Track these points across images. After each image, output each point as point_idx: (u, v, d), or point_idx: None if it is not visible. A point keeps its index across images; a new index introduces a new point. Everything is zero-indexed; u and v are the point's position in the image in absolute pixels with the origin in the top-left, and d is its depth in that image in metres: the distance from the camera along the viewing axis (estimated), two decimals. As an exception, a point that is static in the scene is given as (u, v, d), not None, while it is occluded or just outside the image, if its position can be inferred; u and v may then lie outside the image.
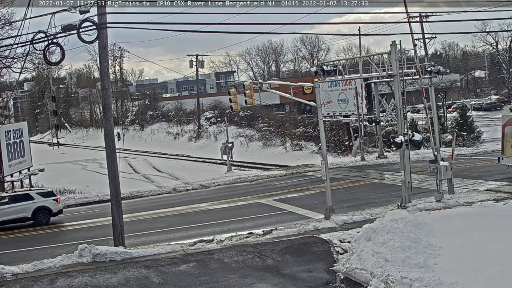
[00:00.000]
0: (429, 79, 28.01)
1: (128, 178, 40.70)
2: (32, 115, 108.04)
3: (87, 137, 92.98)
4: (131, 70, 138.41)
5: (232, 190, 33.27)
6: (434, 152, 24.24)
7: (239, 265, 16.77)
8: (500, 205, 19.89)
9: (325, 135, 24.08)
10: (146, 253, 18.80)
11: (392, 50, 23.16)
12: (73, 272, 16.98)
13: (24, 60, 27.00)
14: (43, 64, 47.38)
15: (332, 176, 30.46)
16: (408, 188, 23.06)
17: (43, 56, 19.38)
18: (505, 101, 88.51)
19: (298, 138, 51.07)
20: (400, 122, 23.41)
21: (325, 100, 45.43)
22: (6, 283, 16.42)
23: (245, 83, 24.13)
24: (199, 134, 65.53)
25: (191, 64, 67.94)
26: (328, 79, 27.37)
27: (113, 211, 19.74)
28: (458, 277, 12.95)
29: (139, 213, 27.88)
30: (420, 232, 15.85)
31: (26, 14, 19.68)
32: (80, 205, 32.06)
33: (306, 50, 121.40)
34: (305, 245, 18.31)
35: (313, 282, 14.85)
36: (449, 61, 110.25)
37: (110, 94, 20.49)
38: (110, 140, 19.90)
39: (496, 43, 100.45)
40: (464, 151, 41.25)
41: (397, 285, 13.22)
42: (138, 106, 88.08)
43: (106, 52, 19.68)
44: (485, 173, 30.74)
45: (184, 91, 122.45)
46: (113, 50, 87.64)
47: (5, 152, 33.27)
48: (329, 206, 22.19)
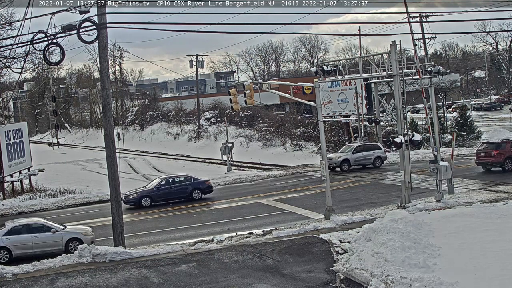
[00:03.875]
0: (429, 79, 27.95)
1: (128, 178, 40.67)
2: (32, 115, 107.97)
3: (87, 137, 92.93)
4: (131, 70, 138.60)
5: (232, 190, 33.26)
6: (434, 152, 24.24)
7: (239, 265, 16.77)
8: (500, 205, 19.90)
9: (325, 135, 24.09)
10: (146, 253, 18.81)
11: (392, 50, 23.16)
12: (73, 272, 16.99)
13: (24, 60, 27.01)
14: (43, 64, 47.30)
15: (332, 176, 30.47)
16: (408, 188, 23.06)
17: (43, 56, 19.36)
18: (505, 101, 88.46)
19: (298, 138, 51.07)
20: (400, 122, 23.41)
21: (325, 100, 45.44)
22: (6, 283, 16.43)
23: (245, 83, 24.13)
24: (199, 134, 65.52)
25: (191, 64, 67.89)
26: (328, 79, 27.34)
27: (113, 211, 19.75)
28: (458, 277, 12.96)
29: (139, 213, 27.86)
30: (420, 232, 15.87)
31: (26, 14, 19.72)
32: (80, 205, 32.04)
33: (306, 50, 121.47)
34: (305, 245, 18.31)
35: (313, 282, 14.86)
36: (449, 61, 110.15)
37: (110, 94, 20.51)
38: (110, 140, 19.91)
39: (496, 43, 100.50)
40: (464, 151, 41.24)
41: (397, 285, 13.23)
42: (138, 106, 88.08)
43: (106, 52, 19.69)
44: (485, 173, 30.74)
45: (184, 91, 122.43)
46: (113, 50, 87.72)
47: (5, 152, 33.27)
48: (329, 206, 22.20)
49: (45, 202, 32.51)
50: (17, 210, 30.95)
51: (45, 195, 34.38)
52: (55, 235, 20.47)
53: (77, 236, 20.79)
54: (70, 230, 21.13)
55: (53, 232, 20.49)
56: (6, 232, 20.09)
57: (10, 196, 34.38)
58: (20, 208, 31.21)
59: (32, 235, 20.35)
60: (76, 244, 20.33)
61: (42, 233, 20.46)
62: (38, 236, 20.35)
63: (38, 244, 20.27)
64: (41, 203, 32.24)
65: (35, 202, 32.41)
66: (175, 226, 23.93)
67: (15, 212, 30.61)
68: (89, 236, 20.98)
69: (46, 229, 20.59)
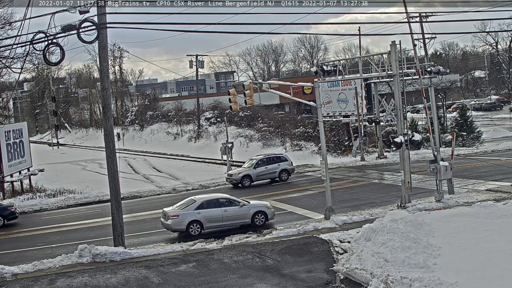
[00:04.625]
0: (429, 79, 27.98)
1: (128, 178, 40.68)
2: (32, 115, 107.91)
3: (87, 137, 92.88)
4: (131, 70, 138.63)
5: (232, 191, 33.25)
6: (434, 152, 24.24)
7: (239, 265, 16.77)
8: (500, 205, 19.89)
9: (325, 135, 24.10)
10: (146, 253, 18.81)
11: (392, 50, 23.17)
12: (72, 272, 16.98)
13: (24, 60, 27.00)
14: (43, 64, 47.42)
15: (332, 176, 30.47)
16: (408, 188, 23.06)
17: (43, 56, 19.39)
18: (505, 101, 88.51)
19: (298, 138, 51.06)
20: (400, 122, 23.41)
21: (325, 100, 45.43)
22: (6, 283, 16.42)
23: (245, 83, 24.15)
24: (199, 134, 65.49)
25: (191, 64, 67.86)
26: (328, 79, 27.37)
27: (113, 211, 19.75)
28: (458, 277, 12.95)
29: (139, 213, 27.88)
30: (420, 232, 15.87)
31: (26, 14, 19.70)
32: (80, 205, 32.06)
33: (306, 50, 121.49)
34: (305, 245, 18.31)
35: (313, 282, 14.86)
36: (449, 61, 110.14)
37: (110, 94, 20.51)
38: (110, 140, 19.91)
39: (496, 43, 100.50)
40: (464, 151, 41.26)
41: (396, 285, 13.23)
42: (138, 106, 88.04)
43: (106, 52, 19.69)
44: (485, 173, 30.75)
45: (184, 91, 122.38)
46: (113, 50, 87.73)
47: (5, 152, 33.28)
48: (329, 206, 22.21)
49: (45, 202, 32.53)
50: (17, 210, 30.93)
51: (45, 195, 34.40)
52: (242, 208, 22.03)
53: (262, 210, 22.39)
54: (256, 204, 22.71)
55: (241, 206, 22.05)
56: (197, 206, 21.56)
57: (10, 196, 34.39)
58: (20, 208, 31.13)
59: (222, 209, 21.85)
60: (261, 217, 22.20)
61: (231, 207, 22.00)
62: (227, 210, 21.84)
63: (227, 218, 21.78)
64: (41, 203, 32.26)
65: (35, 202, 32.42)
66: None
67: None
68: (271, 210, 22.63)
69: (235, 203, 22.17)
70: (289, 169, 34.82)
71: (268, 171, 34.28)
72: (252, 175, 33.87)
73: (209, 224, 21.49)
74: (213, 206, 21.80)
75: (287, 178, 34.46)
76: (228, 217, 21.72)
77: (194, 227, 21.27)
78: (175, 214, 21.52)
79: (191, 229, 21.27)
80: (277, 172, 34.35)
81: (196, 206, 21.56)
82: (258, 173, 33.99)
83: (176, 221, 21.36)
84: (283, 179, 34.31)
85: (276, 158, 35.12)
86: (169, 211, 21.84)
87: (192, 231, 21.19)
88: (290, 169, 34.98)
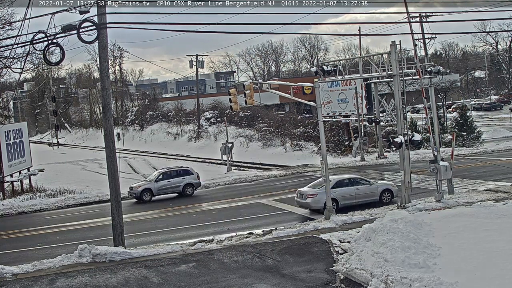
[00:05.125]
0: (429, 79, 27.96)
1: (128, 178, 40.65)
2: (32, 115, 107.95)
3: (87, 137, 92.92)
4: (131, 70, 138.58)
5: (232, 190, 33.27)
6: (434, 152, 24.24)
7: (239, 265, 16.77)
8: (500, 205, 19.89)
9: (325, 135, 24.11)
10: (146, 253, 18.80)
11: (392, 50, 23.17)
12: (72, 272, 16.97)
13: (24, 60, 26.93)
14: (43, 64, 47.32)
15: (332, 176, 30.43)
16: (408, 188, 23.06)
17: (43, 56, 19.37)
18: (505, 101, 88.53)
19: (298, 138, 51.07)
20: (399, 122, 23.41)
21: (325, 100, 45.43)
22: (6, 283, 16.41)
23: (245, 83, 24.16)
24: (199, 134, 65.50)
25: (191, 64, 67.88)
26: (328, 79, 27.37)
27: (113, 211, 19.75)
28: (458, 277, 12.95)
29: (139, 213, 27.88)
30: (420, 232, 15.87)
31: (26, 14, 19.70)
32: (80, 205, 32.05)
33: (306, 51, 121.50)
34: (305, 245, 18.31)
35: (313, 282, 14.85)
36: (449, 61, 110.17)
37: (110, 94, 20.50)
38: (110, 140, 19.90)
39: (496, 43, 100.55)
40: (464, 151, 41.27)
41: (396, 285, 13.23)
42: (138, 106, 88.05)
43: (106, 52, 19.69)
44: (485, 173, 30.75)
45: (184, 91, 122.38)
46: (113, 50, 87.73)
47: (5, 152, 33.29)
48: (329, 206, 22.21)
49: (45, 202, 32.53)
50: (17, 210, 30.99)
51: (45, 195, 34.39)
52: (372, 187, 24.31)
53: (389, 188, 24.59)
54: (383, 183, 25.24)
55: (371, 184, 24.31)
56: (333, 185, 23.25)
57: (10, 196, 34.40)
58: (20, 208, 31.24)
59: (355, 187, 24.09)
60: (387, 195, 24.38)
61: (362, 186, 24.26)
62: (359, 188, 24.06)
63: (359, 195, 23.91)
64: (41, 203, 32.25)
65: (35, 202, 32.42)
66: (175, 226, 23.94)
67: (15, 212, 30.68)
68: (395, 188, 24.51)
69: (365, 182, 24.49)
70: (194, 183, 32.43)
71: (170, 185, 31.83)
72: (153, 189, 31.33)
73: (344, 202, 23.41)
74: (346, 185, 23.92)
75: (192, 193, 32.17)
76: (359, 195, 23.76)
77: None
78: (313, 193, 23.35)
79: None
80: (181, 186, 31.95)
81: (332, 185, 23.06)
82: (160, 187, 31.50)
83: (315, 199, 23.26)
84: (187, 193, 31.96)
85: (181, 172, 32.70)
86: (307, 190, 23.75)
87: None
88: (196, 183, 32.62)
